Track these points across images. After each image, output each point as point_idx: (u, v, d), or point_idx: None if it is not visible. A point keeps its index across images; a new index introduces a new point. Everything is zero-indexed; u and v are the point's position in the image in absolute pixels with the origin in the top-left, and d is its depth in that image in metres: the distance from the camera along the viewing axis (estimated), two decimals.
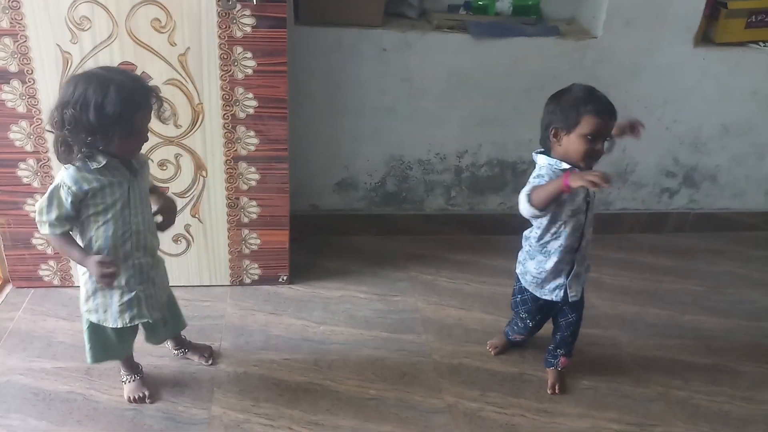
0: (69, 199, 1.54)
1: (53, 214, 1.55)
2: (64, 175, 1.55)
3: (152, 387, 1.90)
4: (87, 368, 1.95)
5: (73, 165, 1.53)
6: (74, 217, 1.58)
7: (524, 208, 1.71)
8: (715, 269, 2.70)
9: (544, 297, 1.90)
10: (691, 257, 2.78)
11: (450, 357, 2.12)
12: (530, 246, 1.87)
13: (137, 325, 1.76)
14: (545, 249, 1.82)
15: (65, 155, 1.52)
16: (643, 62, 2.56)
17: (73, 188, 1.53)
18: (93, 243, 1.61)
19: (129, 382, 1.89)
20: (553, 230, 1.79)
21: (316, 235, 2.70)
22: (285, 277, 2.41)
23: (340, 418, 1.85)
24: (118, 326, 1.71)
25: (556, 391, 2.00)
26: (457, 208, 2.80)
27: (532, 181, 1.75)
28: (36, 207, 1.57)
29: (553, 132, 1.72)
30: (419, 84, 2.51)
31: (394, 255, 2.64)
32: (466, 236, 2.78)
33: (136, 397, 1.87)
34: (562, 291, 1.87)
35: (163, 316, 1.83)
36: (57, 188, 1.55)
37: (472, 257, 2.66)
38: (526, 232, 1.90)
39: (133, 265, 1.66)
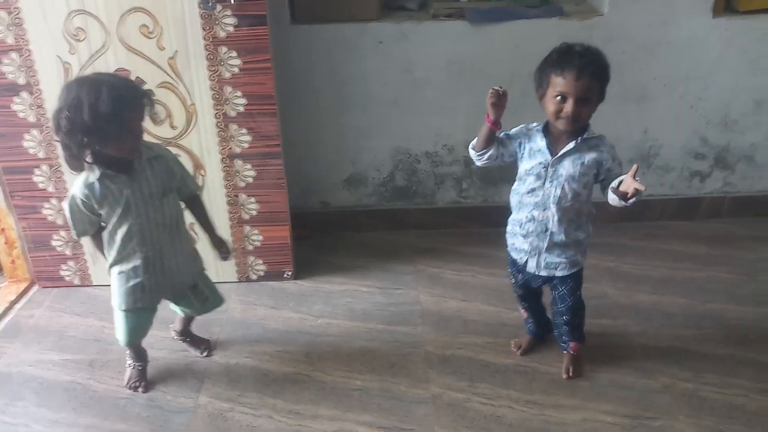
0: (83, 208, 1.69)
1: (76, 223, 1.73)
2: (74, 187, 1.69)
3: (148, 377, 1.97)
4: (91, 360, 2.06)
5: (81, 176, 1.67)
6: (96, 220, 1.74)
7: (472, 154, 1.83)
8: (750, 256, 2.49)
9: (511, 254, 1.90)
10: (726, 244, 2.58)
11: (443, 348, 2.07)
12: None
13: (147, 312, 1.87)
14: (516, 201, 1.85)
15: (72, 161, 1.63)
16: (657, 37, 2.42)
17: (83, 198, 1.68)
18: (111, 237, 1.75)
19: (132, 368, 1.97)
20: (517, 182, 1.82)
21: (328, 232, 2.72)
22: (290, 273, 2.44)
23: (322, 408, 1.85)
24: (122, 309, 1.83)
25: (571, 375, 1.93)
26: (469, 200, 2.74)
27: None
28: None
29: (538, 97, 1.73)
30: (421, 74, 2.49)
31: (403, 249, 2.62)
32: (480, 229, 2.72)
33: (132, 385, 1.95)
34: (525, 258, 1.85)
35: (196, 294, 1.93)
36: (72, 200, 1.70)
37: (484, 250, 2.59)
38: None
39: (140, 258, 1.77)
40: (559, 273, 1.83)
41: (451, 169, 2.67)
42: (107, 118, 1.52)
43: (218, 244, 1.96)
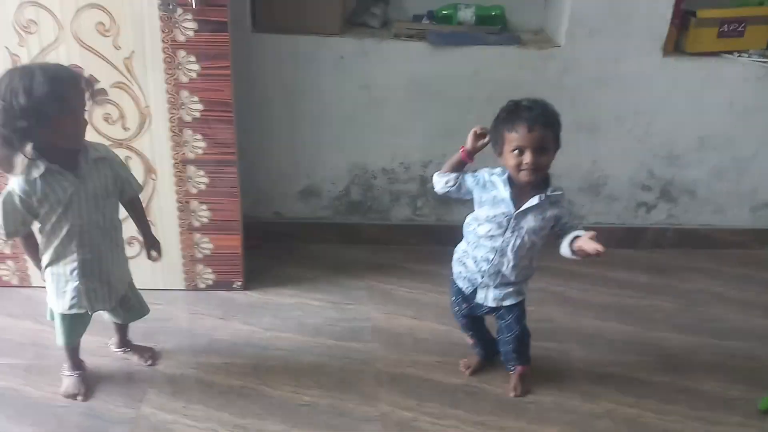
0: (20, 206, 1.61)
1: (7, 222, 1.63)
2: (13, 183, 1.60)
3: (88, 385, 1.90)
4: (27, 365, 1.97)
5: (21, 174, 1.57)
6: (29, 220, 1.66)
7: (434, 177, 1.86)
8: (689, 286, 2.59)
9: (457, 282, 1.94)
10: (667, 274, 2.67)
11: (393, 366, 2.07)
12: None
13: (84, 315, 1.80)
14: (472, 237, 1.85)
15: (7, 161, 1.54)
16: (609, 72, 2.50)
17: (22, 195, 1.60)
18: (48, 238, 1.68)
19: (70, 376, 1.90)
20: (475, 222, 1.83)
21: (280, 242, 2.69)
22: (239, 283, 2.40)
23: (268, 423, 1.82)
24: (58, 311, 1.77)
25: (518, 393, 1.97)
26: (424, 218, 2.76)
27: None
28: None
29: (497, 154, 1.77)
30: (379, 92, 2.50)
31: (356, 264, 2.61)
32: (433, 247, 2.73)
33: (71, 393, 1.87)
34: (472, 288, 1.89)
35: (123, 304, 1.87)
36: (8, 195, 1.60)
37: (436, 268, 2.60)
38: None
39: (76, 260, 1.70)
40: (506, 303, 1.87)
41: (407, 186, 2.68)
42: (44, 98, 1.47)
43: (152, 243, 1.93)
